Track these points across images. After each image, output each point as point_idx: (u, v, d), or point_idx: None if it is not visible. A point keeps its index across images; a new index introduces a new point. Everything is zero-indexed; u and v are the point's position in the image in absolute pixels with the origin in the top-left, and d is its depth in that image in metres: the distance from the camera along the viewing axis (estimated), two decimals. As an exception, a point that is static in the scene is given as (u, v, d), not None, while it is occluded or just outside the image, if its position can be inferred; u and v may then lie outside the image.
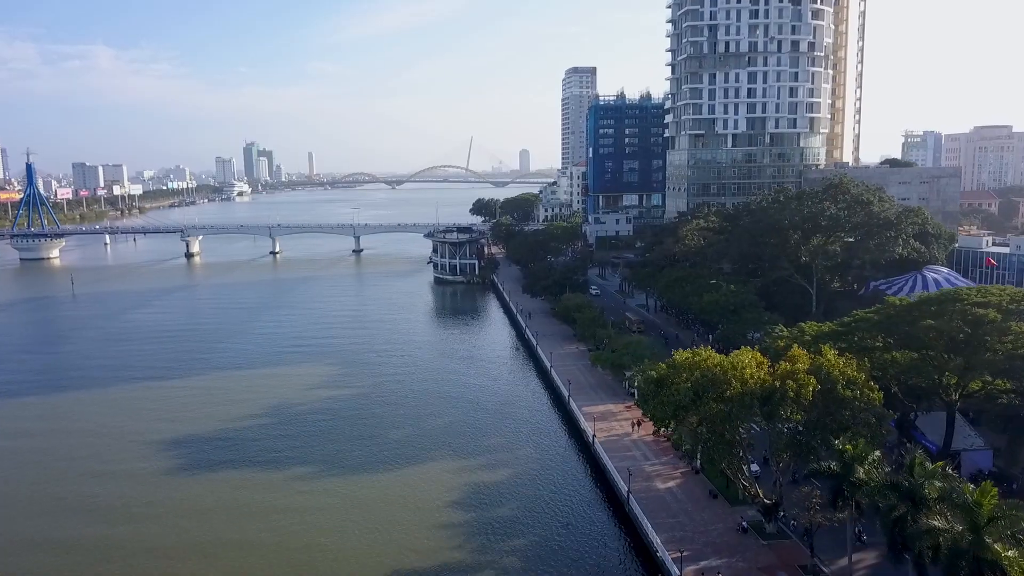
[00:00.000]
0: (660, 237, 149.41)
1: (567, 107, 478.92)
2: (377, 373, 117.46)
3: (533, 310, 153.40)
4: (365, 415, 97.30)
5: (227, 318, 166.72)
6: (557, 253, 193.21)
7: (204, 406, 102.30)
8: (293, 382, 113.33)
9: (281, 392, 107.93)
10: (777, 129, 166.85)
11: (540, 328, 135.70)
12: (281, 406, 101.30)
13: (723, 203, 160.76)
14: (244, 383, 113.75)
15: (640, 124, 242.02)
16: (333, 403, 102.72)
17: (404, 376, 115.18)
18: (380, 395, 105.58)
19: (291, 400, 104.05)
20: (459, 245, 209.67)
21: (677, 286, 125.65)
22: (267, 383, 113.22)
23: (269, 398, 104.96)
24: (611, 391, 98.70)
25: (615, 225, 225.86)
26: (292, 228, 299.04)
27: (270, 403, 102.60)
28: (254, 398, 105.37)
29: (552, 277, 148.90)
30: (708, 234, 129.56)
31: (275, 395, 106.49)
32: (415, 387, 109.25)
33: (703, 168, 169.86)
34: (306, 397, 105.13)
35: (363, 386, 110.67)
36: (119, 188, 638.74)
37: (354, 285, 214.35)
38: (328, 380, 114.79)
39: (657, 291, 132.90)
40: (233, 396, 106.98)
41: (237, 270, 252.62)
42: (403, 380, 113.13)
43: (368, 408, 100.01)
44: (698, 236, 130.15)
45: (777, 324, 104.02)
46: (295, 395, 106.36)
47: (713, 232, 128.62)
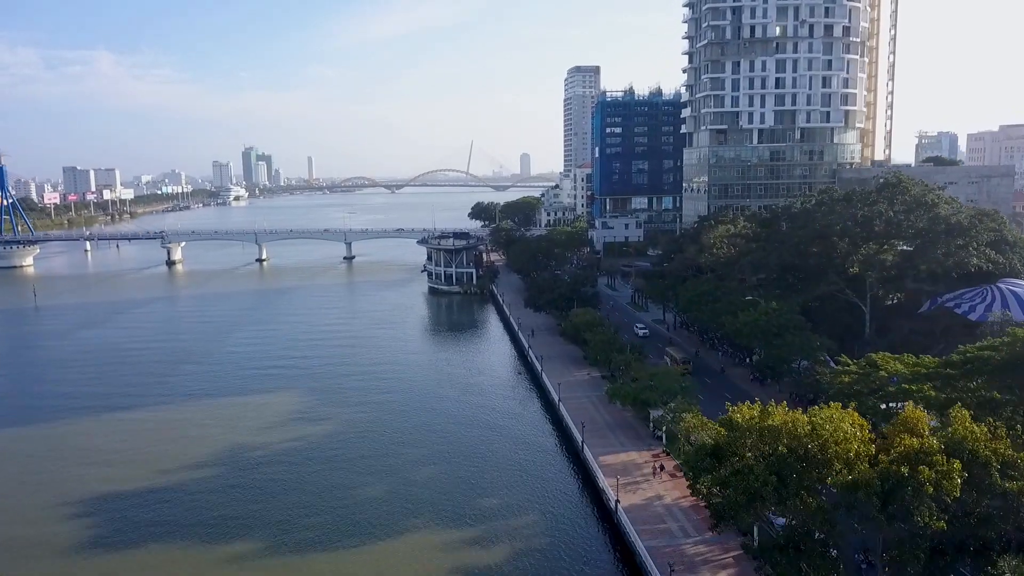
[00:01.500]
0: (680, 244, 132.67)
1: (569, 107, 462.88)
2: (357, 404, 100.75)
3: (537, 326, 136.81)
4: (337, 461, 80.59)
5: (199, 334, 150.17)
6: (562, 261, 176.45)
7: (146, 447, 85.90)
8: (258, 415, 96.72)
9: (242, 428, 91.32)
10: (808, 123, 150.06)
11: (545, 348, 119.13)
12: (238, 448, 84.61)
13: (748, 206, 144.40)
14: (201, 416, 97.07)
15: (650, 122, 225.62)
16: (301, 444, 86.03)
17: (388, 409, 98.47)
18: (358, 435, 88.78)
19: (251, 439, 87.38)
20: (455, 252, 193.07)
21: (703, 301, 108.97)
22: (228, 415, 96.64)
23: (226, 436, 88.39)
24: (632, 433, 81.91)
25: (624, 230, 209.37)
26: (280, 234, 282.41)
27: (226, 443, 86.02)
28: (208, 436, 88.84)
29: (557, 290, 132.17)
30: (739, 241, 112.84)
31: (234, 432, 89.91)
32: (399, 424, 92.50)
33: (725, 167, 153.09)
34: (270, 436, 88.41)
35: (339, 421, 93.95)
36: (109, 193, 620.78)
37: (342, 296, 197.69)
38: (299, 412, 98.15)
39: (679, 306, 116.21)
40: (184, 433, 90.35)
41: (220, 279, 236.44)
42: (387, 414, 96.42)
43: (342, 452, 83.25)
44: (728, 244, 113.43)
45: (828, 349, 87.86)
46: (257, 433, 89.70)
47: (745, 239, 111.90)
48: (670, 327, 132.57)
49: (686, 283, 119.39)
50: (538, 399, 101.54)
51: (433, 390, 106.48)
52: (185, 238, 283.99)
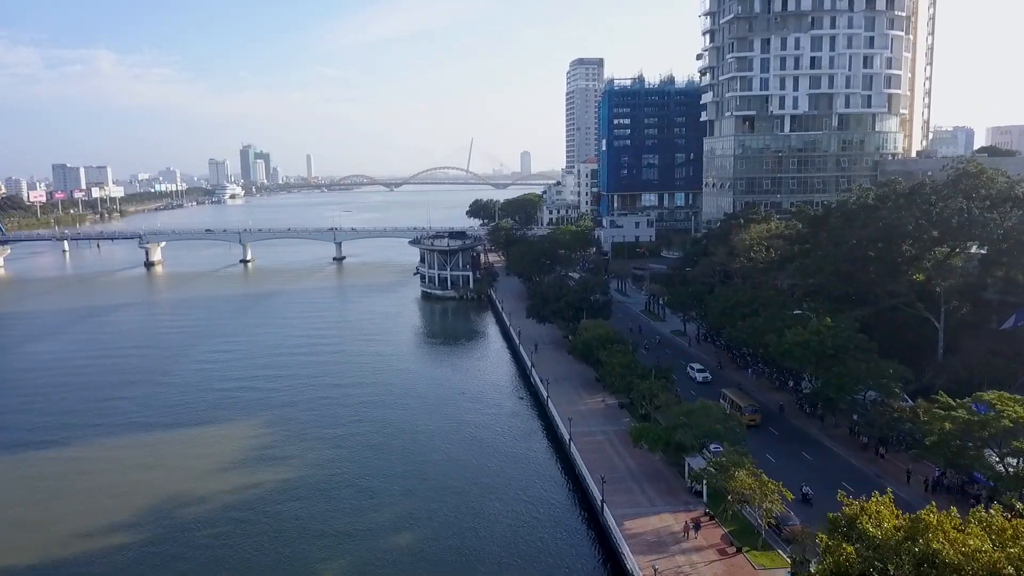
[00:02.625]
0: (705, 246, 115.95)
1: (572, 101, 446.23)
2: (327, 440, 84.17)
3: (540, 338, 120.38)
4: (290, 523, 64.05)
5: (162, 347, 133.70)
6: (567, 264, 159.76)
7: (55, 498, 69.74)
8: (207, 454, 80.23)
9: (182, 473, 74.92)
10: (847, 109, 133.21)
11: (550, 366, 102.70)
12: (171, 504, 68.15)
13: (778, 202, 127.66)
14: (135, 455, 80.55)
15: (661, 112, 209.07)
16: (253, 497, 69.59)
17: (363, 448, 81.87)
18: (322, 484, 72.25)
19: (192, 489, 70.97)
20: (451, 253, 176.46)
21: (736, 313, 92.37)
22: (169, 455, 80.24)
23: (160, 485, 72.08)
24: (663, 485, 65.32)
25: (634, 229, 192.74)
26: (266, 233, 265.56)
27: (157, 496, 69.64)
28: (136, 485, 72.49)
29: (564, 298, 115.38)
30: (779, 243, 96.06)
31: (171, 477, 73.64)
32: (375, 469, 75.89)
33: (753, 158, 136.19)
34: (214, 484, 71.88)
35: (304, 464, 77.41)
36: (98, 190, 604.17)
37: (327, 302, 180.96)
38: (258, 451, 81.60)
39: (708, 318, 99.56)
40: (105, 482, 73.85)
41: (199, 282, 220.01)
42: (361, 455, 79.88)
43: (302, 511, 66.72)
44: (765, 246, 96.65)
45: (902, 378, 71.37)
46: (201, 479, 73.27)
47: (787, 241, 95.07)
48: (692, 340, 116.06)
49: (714, 291, 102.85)
50: (544, 434, 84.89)
51: (420, 423, 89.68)
52: (165, 238, 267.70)
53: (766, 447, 71.68)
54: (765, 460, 65.59)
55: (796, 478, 62.54)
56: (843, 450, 71.94)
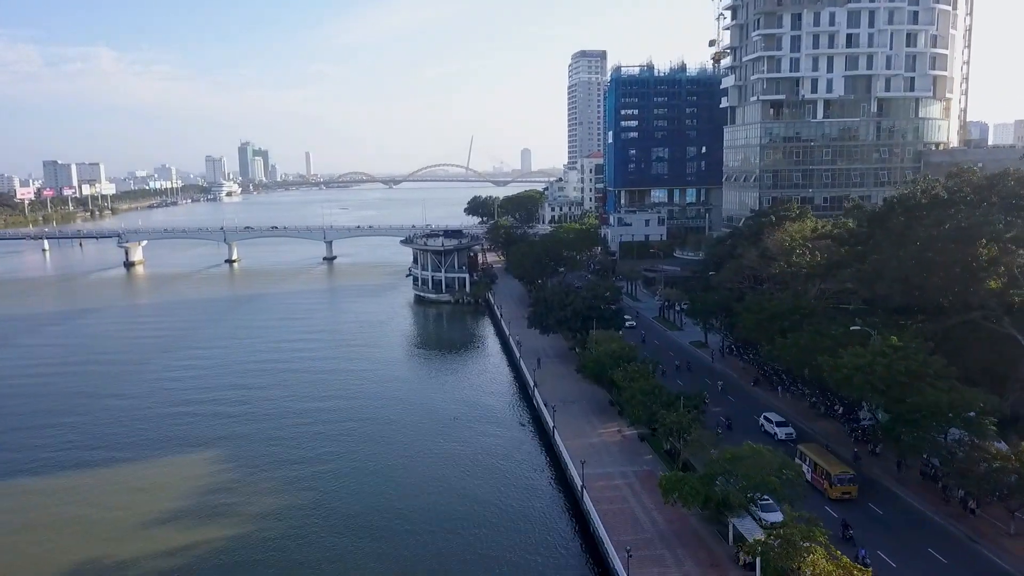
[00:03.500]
0: (730, 246, 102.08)
1: (574, 95, 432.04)
2: (290, 483, 70.45)
3: (544, 350, 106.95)
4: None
5: (121, 358, 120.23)
6: (572, 265, 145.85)
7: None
8: (140, 500, 66.84)
9: (103, 529, 61.21)
10: (888, 92, 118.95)
11: (556, 385, 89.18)
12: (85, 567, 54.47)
13: (809, 197, 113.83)
14: (51, 502, 66.95)
15: (672, 102, 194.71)
16: (188, 561, 55.82)
17: (328, 496, 67.99)
18: (275, 543, 58.46)
19: (111, 554, 57.18)
20: (445, 254, 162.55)
21: (774, 326, 78.51)
22: (92, 500, 66.70)
23: (68, 547, 58.21)
24: (703, 555, 51.55)
25: (644, 227, 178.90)
26: (251, 232, 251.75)
27: (60, 565, 55.85)
28: (41, 545, 58.59)
29: (570, 305, 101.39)
30: (827, 244, 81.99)
31: (88, 538, 59.78)
32: (340, 531, 61.96)
33: (781, 149, 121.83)
34: (139, 546, 58.17)
35: (256, 515, 63.74)
36: (88, 187, 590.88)
37: (312, 306, 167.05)
38: (206, 495, 68.08)
39: (739, 330, 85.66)
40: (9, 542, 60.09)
41: (179, 283, 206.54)
42: (326, 504, 66.06)
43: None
44: (809, 247, 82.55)
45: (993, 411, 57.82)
46: (122, 537, 59.58)
47: (838, 242, 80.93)
48: (715, 353, 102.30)
49: (744, 299, 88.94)
50: (550, 475, 71.00)
51: (401, 461, 75.74)
52: (146, 236, 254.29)
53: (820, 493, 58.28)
54: (822, 512, 52.21)
55: (863, 538, 49.56)
56: (919, 500, 58.20)
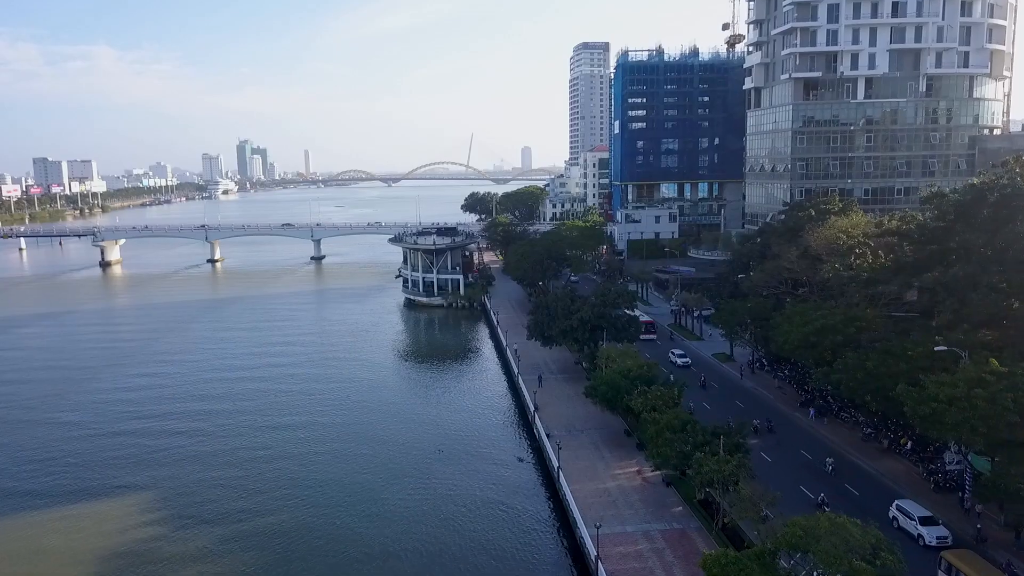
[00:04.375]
0: (763, 245, 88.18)
1: (576, 88, 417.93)
2: (229, 535, 56.55)
3: (546, 364, 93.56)
4: None
5: (70, 371, 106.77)
6: (577, 267, 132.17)
7: None
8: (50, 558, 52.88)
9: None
10: (939, 69, 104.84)
11: (561, 410, 75.73)
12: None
13: (848, 189, 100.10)
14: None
15: (683, 89, 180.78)
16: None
17: (275, 553, 54.14)
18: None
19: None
20: (437, 253, 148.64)
21: (825, 342, 64.79)
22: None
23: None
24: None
25: (654, 224, 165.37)
26: (235, 230, 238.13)
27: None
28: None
29: (577, 314, 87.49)
30: (890, 242, 68.16)
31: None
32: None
33: (817, 134, 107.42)
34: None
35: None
36: (78, 185, 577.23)
37: (293, 310, 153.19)
38: (131, 548, 54.17)
39: (780, 345, 71.72)
40: None
41: (155, 284, 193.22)
42: (270, 564, 52.24)
43: None
44: (872, 246, 68.63)
45: None
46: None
47: (906, 239, 66.94)
48: (743, 367, 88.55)
49: (784, 308, 75.15)
50: (555, 534, 57.04)
51: (362, 521, 61.91)
52: (123, 235, 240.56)
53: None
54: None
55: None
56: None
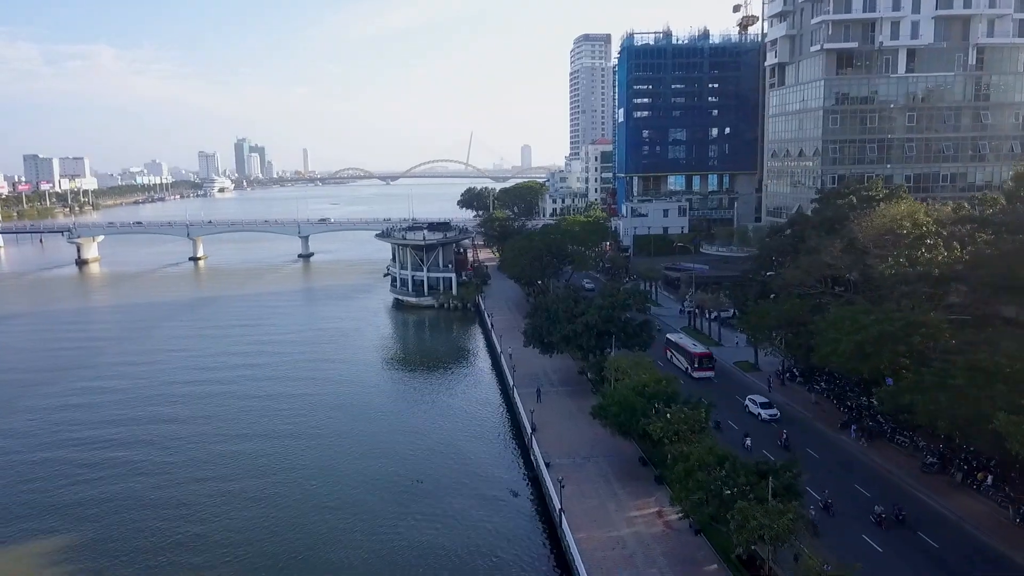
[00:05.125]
0: (795, 238, 76.49)
1: (577, 81, 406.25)
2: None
3: (545, 373, 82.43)
4: None
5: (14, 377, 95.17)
6: (581, 265, 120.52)
7: None
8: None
9: None
10: (991, 39, 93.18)
11: (563, 431, 64.44)
12: None
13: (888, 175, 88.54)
14: None
15: (692, 75, 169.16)
16: None
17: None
18: None
19: None
20: (428, 249, 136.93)
21: (883, 353, 53.24)
22: None
23: None
24: None
25: (662, 218, 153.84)
26: (217, 227, 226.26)
27: None
28: None
29: (582, 317, 75.81)
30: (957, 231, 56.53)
31: None
32: None
33: (852, 114, 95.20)
34: None
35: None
36: (68, 182, 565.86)
37: (272, 311, 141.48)
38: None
39: (826, 356, 60.07)
40: None
41: (131, 283, 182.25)
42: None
43: None
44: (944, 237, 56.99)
45: None
46: None
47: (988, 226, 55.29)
48: (771, 378, 76.99)
49: (825, 311, 63.52)
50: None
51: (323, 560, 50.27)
52: (100, 231, 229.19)
53: None
54: None
55: None
56: None
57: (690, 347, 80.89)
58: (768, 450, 58.07)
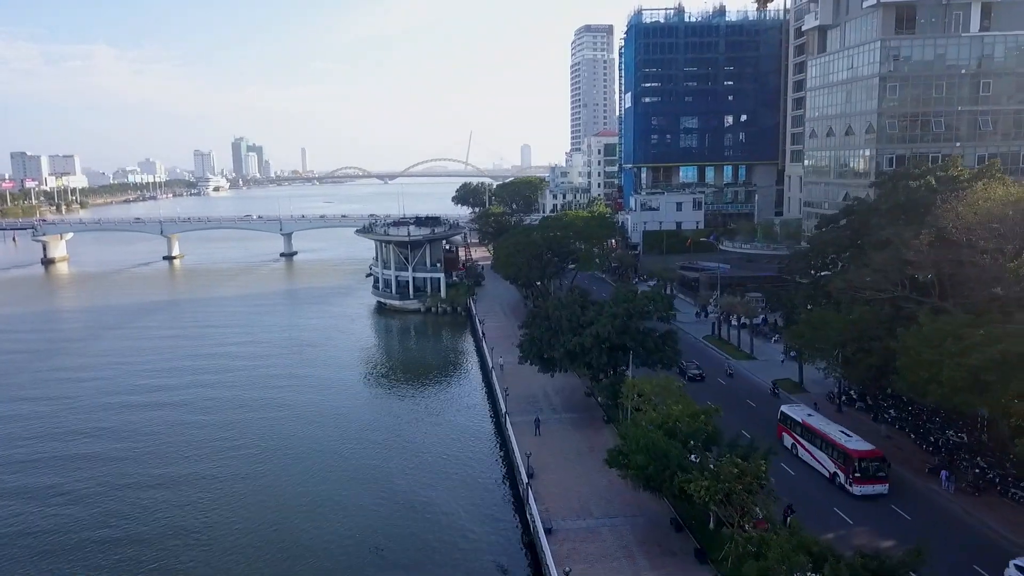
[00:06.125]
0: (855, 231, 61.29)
1: (578, 74, 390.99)
2: None
3: (545, 396, 67.70)
4: None
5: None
6: (586, 263, 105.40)
7: None
8: None
9: None
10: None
11: (568, 480, 49.81)
12: None
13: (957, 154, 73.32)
14: None
15: (706, 57, 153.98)
16: None
17: None
18: None
19: None
20: (413, 246, 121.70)
21: (1014, 381, 38.11)
22: None
23: None
24: None
25: (675, 212, 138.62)
26: (192, 224, 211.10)
27: None
28: None
29: (591, 327, 60.72)
30: None
31: None
32: None
33: (914, 82, 79.10)
34: None
35: None
36: (54, 180, 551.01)
37: (240, 316, 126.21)
38: None
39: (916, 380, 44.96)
40: None
41: (95, 284, 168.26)
42: None
43: None
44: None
45: None
46: None
47: None
48: (821, 400, 62.09)
49: (912, 324, 48.46)
50: None
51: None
52: (67, 228, 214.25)
53: None
54: None
55: None
56: None
57: (842, 440, 48.29)
58: (834, 504, 43.12)
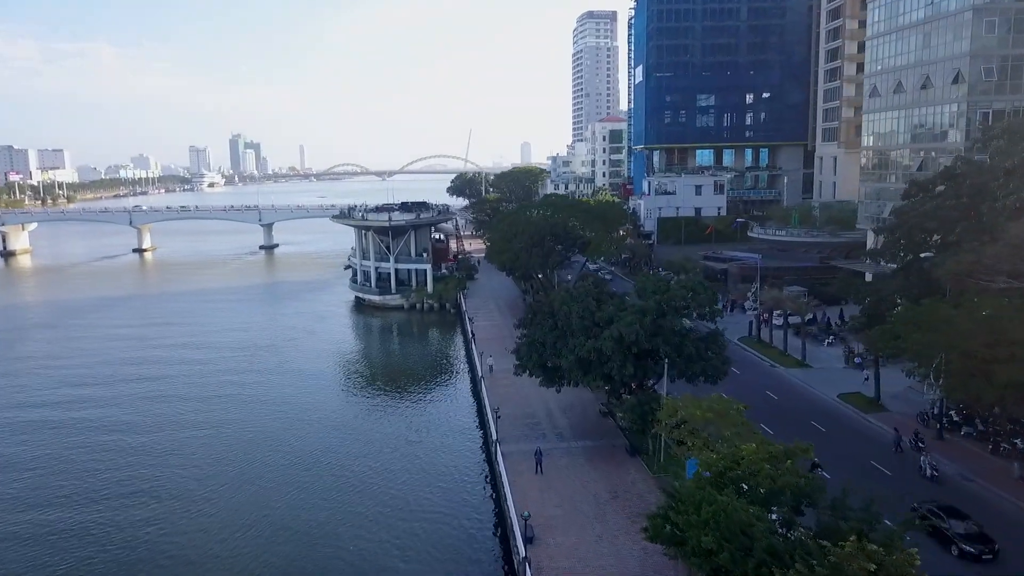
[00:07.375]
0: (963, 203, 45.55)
1: (580, 62, 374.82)
2: None
3: (549, 417, 52.38)
4: None
5: None
6: (597, 251, 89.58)
7: None
8: None
9: None
10: None
11: (581, 546, 33.83)
12: None
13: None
14: None
15: (726, 24, 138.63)
16: None
17: None
18: None
19: None
20: (396, 233, 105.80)
21: None
22: None
23: None
24: None
25: (694, 197, 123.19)
26: (162, 214, 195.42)
27: None
28: None
29: (610, 329, 45.34)
30: None
31: None
32: None
33: (1019, 18, 61.95)
34: None
35: None
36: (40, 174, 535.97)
37: (203, 314, 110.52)
38: None
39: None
40: None
41: (54, 277, 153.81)
42: None
43: None
44: None
45: None
46: None
47: None
48: (906, 429, 46.59)
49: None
50: None
51: None
52: (29, 218, 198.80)
53: None
54: None
55: None
56: None
57: None
58: None
